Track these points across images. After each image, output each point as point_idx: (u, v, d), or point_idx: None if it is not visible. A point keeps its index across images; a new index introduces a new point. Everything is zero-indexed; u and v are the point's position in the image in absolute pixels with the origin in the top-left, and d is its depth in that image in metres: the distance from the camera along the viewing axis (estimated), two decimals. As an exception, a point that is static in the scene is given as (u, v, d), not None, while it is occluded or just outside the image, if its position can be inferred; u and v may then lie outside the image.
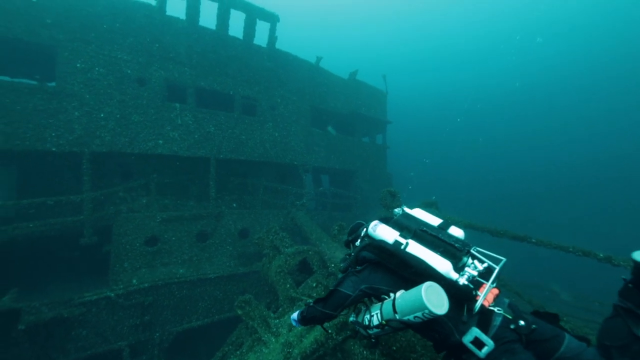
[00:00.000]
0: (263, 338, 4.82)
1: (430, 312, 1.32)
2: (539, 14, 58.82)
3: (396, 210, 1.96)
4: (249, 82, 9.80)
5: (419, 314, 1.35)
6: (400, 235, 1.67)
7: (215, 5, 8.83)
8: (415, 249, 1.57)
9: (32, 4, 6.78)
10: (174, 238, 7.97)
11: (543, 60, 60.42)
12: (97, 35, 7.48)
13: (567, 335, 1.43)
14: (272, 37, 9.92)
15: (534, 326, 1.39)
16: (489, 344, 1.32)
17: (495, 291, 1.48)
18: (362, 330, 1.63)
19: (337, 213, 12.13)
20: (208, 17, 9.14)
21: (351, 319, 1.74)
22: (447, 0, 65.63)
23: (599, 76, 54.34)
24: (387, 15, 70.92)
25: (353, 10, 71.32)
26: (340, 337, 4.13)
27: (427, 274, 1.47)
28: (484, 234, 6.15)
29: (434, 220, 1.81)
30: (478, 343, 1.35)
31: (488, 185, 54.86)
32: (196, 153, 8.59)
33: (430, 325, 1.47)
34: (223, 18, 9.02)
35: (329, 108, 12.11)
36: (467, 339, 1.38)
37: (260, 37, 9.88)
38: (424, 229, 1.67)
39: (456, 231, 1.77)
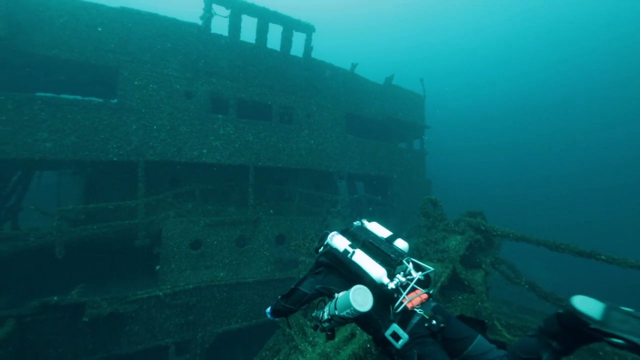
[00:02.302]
0: (300, 347, 4.80)
1: (355, 309, 1.60)
2: (573, 14, 54.64)
3: (355, 222, 2.25)
4: (286, 92, 10.09)
5: (349, 311, 1.63)
6: (350, 245, 1.96)
7: (255, 20, 9.29)
8: (359, 257, 1.85)
9: (99, 32, 7.70)
10: (215, 242, 8.36)
11: (564, 62, 56.29)
12: (152, 55, 8.25)
13: (479, 337, 1.64)
14: (308, 47, 10.14)
15: (442, 325, 1.60)
16: (404, 337, 1.60)
17: (425, 296, 1.73)
18: (319, 324, 1.89)
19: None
20: (248, 31, 9.63)
21: (314, 314, 1.98)
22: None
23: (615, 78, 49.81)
24: (423, 17, 69.22)
25: (388, 15, 70.74)
26: (378, 352, 3.95)
27: (364, 278, 1.77)
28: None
29: (384, 233, 2.11)
30: (397, 337, 1.62)
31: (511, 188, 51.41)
32: (236, 161, 8.99)
33: (365, 321, 1.76)
34: (262, 32, 9.44)
35: (364, 114, 12.01)
36: (387, 333, 1.66)
37: (297, 47, 10.15)
38: (370, 240, 1.96)
39: (401, 243, 2.06)
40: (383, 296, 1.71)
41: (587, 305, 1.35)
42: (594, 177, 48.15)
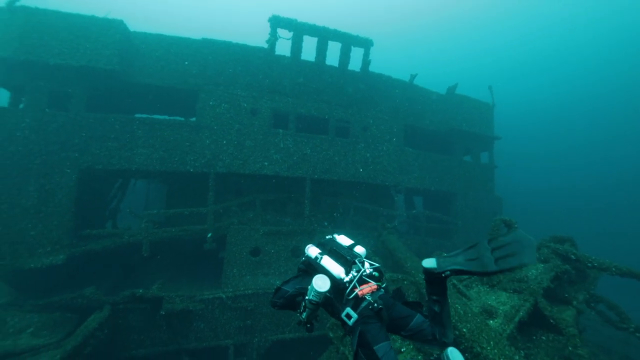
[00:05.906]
0: (353, 368, 4.61)
1: (316, 291, 2.09)
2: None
3: (327, 236, 2.74)
4: (343, 106, 10.23)
5: (314, 293, 2.12)
6: (320, 252, 2.49)
7: (315, 39, 9.73)
8: (325, 261, 2.39)
9: (185, 65, 8.94)
10: (272, 251, 8.72)
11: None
12: (225, 78, 9.22)
13: (418, 315, 2.16)
14: (366, 61, 10.18)
15: (380, 307, 2.07)
16: (354, 317, 2.08)
17: (375, 287, 2.22)
18: (300, 317, 2.26)
19: (432, 239, 11.06)
20: (308, 50, 10.12)
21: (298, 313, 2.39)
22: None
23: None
24: (484, 21, 64.20)
25: (447, 24, 67.51)
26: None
27: (327, 275, 2.26)
28: None
29: (348, 242, 2.63)
30: (349, 316, 2.09)
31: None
32: (294, 173, 9.35)
33: (329, 306, 2.25)
34: (321, 50, 9.83)
35: (424, 126, 11.47)
36: (342, 314, 2.14)
37: (355, 62, 10.28)
38: (335, 247, 2.50)
39: (359, 249, 2.58)
40: (341, 288, 2.22)
41: (428, 263, 2.12)
42: None
